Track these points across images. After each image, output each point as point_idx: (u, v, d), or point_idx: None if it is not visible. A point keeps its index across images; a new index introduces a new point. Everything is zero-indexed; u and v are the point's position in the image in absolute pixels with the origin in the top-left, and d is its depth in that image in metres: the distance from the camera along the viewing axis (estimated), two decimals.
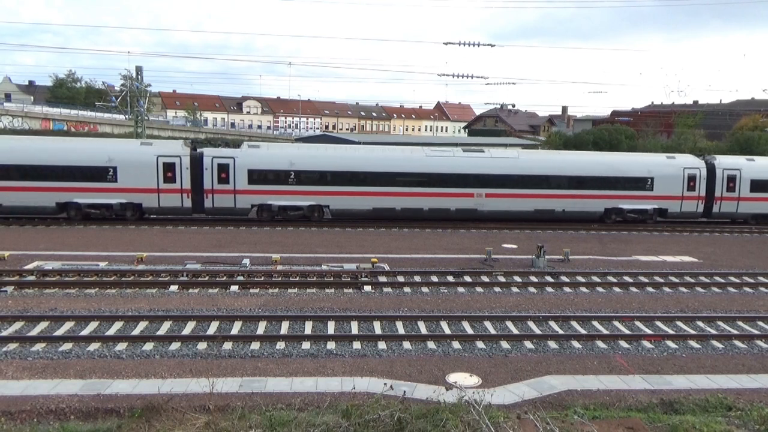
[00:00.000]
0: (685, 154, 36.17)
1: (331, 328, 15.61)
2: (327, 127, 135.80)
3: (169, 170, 28.18)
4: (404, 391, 11.41)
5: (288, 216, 29.62)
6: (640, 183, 31.69)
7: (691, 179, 32.14)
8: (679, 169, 32.14)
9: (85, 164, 27.84)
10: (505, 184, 30.42)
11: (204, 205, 28.97)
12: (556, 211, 31.16)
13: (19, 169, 27.50)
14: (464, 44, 37.67)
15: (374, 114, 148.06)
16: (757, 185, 32.97)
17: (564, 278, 20.87)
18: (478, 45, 38.39)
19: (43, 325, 15.18)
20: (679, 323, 16.84)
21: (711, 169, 32.63)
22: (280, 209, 29.47)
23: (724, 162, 33.32)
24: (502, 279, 20.50)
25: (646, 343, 15.24)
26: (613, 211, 31.78)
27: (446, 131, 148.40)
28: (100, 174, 27.79)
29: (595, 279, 20.90)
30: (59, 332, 14.77)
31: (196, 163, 28.70)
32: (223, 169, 28.68)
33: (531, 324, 16.36)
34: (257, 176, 28.94)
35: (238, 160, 28.85)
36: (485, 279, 20.46)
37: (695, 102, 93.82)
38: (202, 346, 14.13)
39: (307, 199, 29.40)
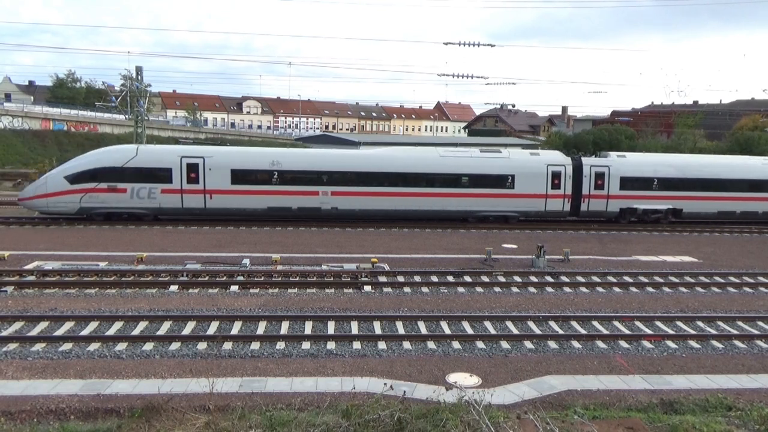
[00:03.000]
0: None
1: (331, 328, 15.61)
2: (327, 127, 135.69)
3: None
4: (404, 391, 11.40)
5: (649, 218, 32.66)
6: None
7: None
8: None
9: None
10: None
11: None
12: None
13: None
14: (464, 44, 37.52)
15: (374, 114, 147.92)
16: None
17: (564, 278, 20.87)
18: (478, 45, 38.23)
19: (43, 325, 15.18)
20: (679, 323, 16.84)
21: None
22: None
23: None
24: (502, 279, 20.50)
25: (646, 343, 15.25)
26: None
27: (446, 131, 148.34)
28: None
29: (595, 279, 20.90)
30: (59, 332, 14.77)
31: None
32: None
33: (531, 324, 16.36)
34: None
35: None
36: (485, 279, 20.47)
37: (695, 102, 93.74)
38: (202, 346, 14.13)
39: (665, 203, 32.53)
